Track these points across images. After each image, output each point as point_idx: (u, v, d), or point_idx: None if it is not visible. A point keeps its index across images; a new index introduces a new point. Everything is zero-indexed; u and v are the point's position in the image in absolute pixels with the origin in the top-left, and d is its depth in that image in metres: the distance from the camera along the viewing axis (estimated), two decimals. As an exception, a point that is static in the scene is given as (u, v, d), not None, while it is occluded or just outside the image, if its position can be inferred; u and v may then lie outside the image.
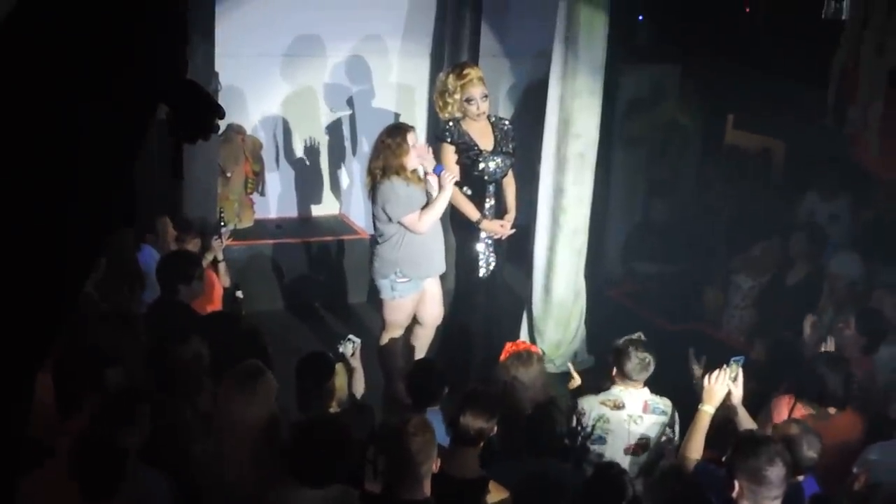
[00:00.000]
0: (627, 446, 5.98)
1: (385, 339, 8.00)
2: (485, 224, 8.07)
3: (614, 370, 6.12)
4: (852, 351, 7.10)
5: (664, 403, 6.13)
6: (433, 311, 8.10)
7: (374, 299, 8.50)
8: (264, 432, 5.07)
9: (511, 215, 8.22)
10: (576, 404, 6.15)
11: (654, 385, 6.23)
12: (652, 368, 6.09)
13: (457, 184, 7.83)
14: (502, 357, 6.46)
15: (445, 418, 5.63)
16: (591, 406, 6.03)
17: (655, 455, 6.06)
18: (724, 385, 5.71)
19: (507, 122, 8.34)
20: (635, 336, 6.29)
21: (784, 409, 6.33)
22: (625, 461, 5.90)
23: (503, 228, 8.12)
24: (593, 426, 5.98)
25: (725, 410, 5.79)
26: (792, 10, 8.85)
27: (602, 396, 6.07)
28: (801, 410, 6.28)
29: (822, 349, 6.92)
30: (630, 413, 6.01)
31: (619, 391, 6.07)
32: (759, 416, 6.34)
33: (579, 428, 6.03)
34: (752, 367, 5.97)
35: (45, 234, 2.28)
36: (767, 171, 10.79)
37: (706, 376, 5.76)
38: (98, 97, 2.26)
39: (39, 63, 2.19)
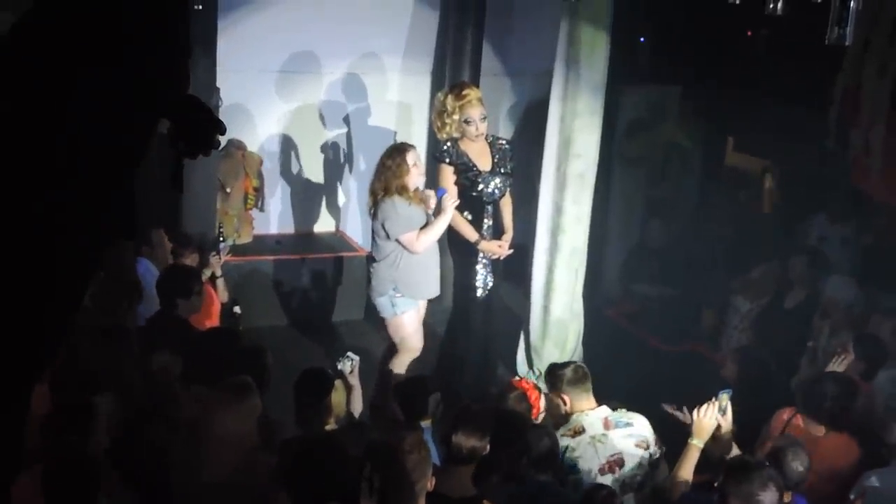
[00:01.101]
0: (601, 467, 5.93)
1: (400, 361, 7.90)
2: (483, 244, 8.07)
3: (563, 400, 6.13)
4: (851, 375, 7.10)
5: (628, 416, 6.12)
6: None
7: (371, 317, 8.50)
8: (243, 446, 5.09)
9: (508, 235, 8.21)
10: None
11: (651, 407, 6.22)
12: (588, 373, 6.13)
13: (457, 207, 7.83)
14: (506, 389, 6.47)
15: (438, 437, 5.62)
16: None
17: (637, 469, 6.02)
18: (712, 418, 5.73)
19: (505, 142, 8.34)
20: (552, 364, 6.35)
21: (780, 423, 6.36)
22: (604, 481, 5.87)
23: (501, 249, 8.11)
24: (562, 458, 5.94)
25: (716, 442, 5.79)
26: (793, 32, 8.86)
27: (562, 429, 6.04)
28: (798, 423, 6.31)
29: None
30: (592, 435, 5.98)
31: (576, 418, 6.06)
32: (760, 434, 6.36)
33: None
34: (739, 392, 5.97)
35: (45, 246, 2.28)
36: (768, 193, 10.79)
37: (695, 410, 5.76)
38: (100, 111, 2.26)
39: (41, 77, 2.19)
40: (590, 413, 6.06)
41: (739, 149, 11.38)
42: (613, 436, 5.99)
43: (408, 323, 7.85)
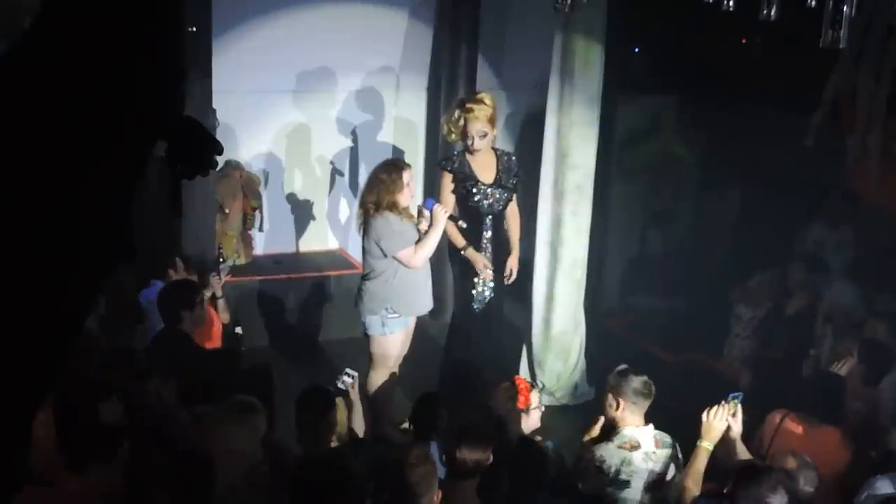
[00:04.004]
0: (646, 484, 5.89)
1: (376, 378, 7.87)
2: (469, 253, 8.04)
3: (617, 402, 5.99)
4: (855, 382, 7.10)
5: (668, 437, 6.07)
6: (405, 350, 8.06)
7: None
8: (247, 465, 5.09)
9: (514, 258, 8.20)
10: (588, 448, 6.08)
11: (654, 415, 6.20)
12: (653, 395, 6.03)
13: (452, 217, 7.84)
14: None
15: (441, 452, 5.60)
16: (611, 452, 5.89)
17: (666, 489, 5.99)
18: (722, 420, 5.70)
19: (513, 157, 8.34)
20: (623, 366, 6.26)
21: (773, 426, 6.37)
22: (646, 498, 5.83)
23: (486, 269, 8.08)
24: (617, 471, 5.86)
25: (724, 445, 5.78)
26: (788, 40, 8.86)
27: (617, 441, 5.94)
28: (791, 421, 6.32)
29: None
30: (646, 451, 5.91)
31: (630, 431, 5.95)
32: (755, 433, 6.37)
33: (601, 475, 5.89)
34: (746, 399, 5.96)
35: (45, 271, 2.28)
36: (766, 200, 10.79)
37: (705, 412, 5.74)
38: (95, 135, 2.26)
39: (36, 101, 2.19)
40: (643, 429, 5.99)
41: (735, 155, 11.36)
42: (661, 454, 5.94)
43: (394, 343, 7.80)
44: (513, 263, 8.27)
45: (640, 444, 5.92)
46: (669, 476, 5.94)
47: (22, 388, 2.40)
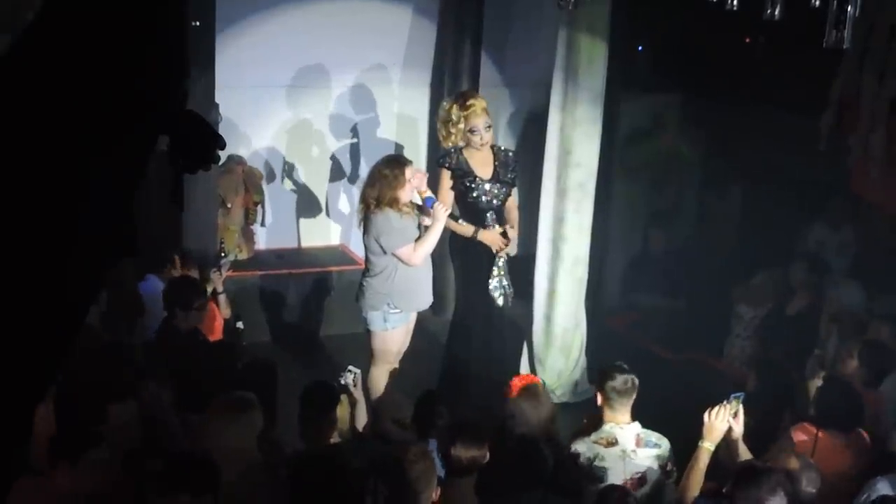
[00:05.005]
0: (624, 482, 5.87)
1: (376, 373, 7.85)
2: (482, 234, 8.00)
3: (600, 398, 6.06)
4: (855, 384, 7.09)
5: (657, 437, 6.07)
6: (405, 345, 8.07)
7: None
8: (244, 462, 5.09)
9: (513, 230, 8.15)
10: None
11: (654, 413, 6.20)
12: (636, 390, 6.05)
13: (452, 216, 7.83)
14: (513, 393, 6.39)
15: (438, 450, 5.60)
16: (586, 447, 5.95)
17: (654, 489, 6.00)
18: (724, 421, 5.70)
19: (509, 152, 8.34)
20: (616, 363, 6.27)
21: (804, 436, 6.33)
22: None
23: (502, 239, 8.04)
24: (591, 466, 5.91)
25: (725, 445, 5.77)
26: (792, 40, 8.85)
27: (594, 436, 5.99)
28: (825, 436, 6.29)
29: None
30: (624, 448, 5.93)
31: (610, 428, 5.99)
32: (775, 444, 6.33)
33: (576, 469, 5.94)
34: (747, 399, 5.95)
35: (46, 265, 2.28)
36: (767, 200, 10.79)
37: (706, 412, 5.74)
38: (97, 130, 2.25)
39: (38, 97, 2.19)
40: (625, 427, 6.00)
41: (738, 155, 11.36)
42: (642, 454, 5.95)
43: (395, 339, 7.80)
44: (511, 233, 8.20)
45: (617, 441, 5.95)
46: (653, 477, 5.94)
47: (23, 383, 2.40)
